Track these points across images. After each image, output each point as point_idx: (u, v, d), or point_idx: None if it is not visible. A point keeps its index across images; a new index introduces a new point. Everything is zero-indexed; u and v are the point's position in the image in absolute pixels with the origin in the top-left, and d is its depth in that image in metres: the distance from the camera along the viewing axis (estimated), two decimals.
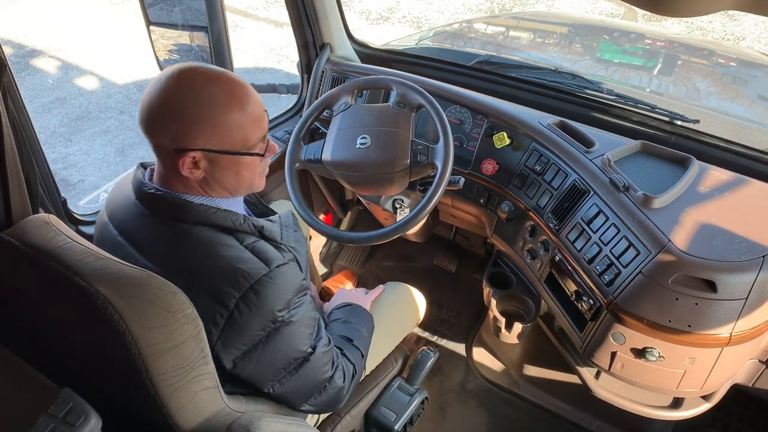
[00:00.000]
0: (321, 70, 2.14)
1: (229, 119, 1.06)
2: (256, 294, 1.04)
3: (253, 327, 1.06)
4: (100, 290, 0.86)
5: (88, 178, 3.91)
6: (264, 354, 1.10)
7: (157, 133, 1.05)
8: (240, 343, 1.06)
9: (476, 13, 6.37)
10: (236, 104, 1.07)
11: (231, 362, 1.08)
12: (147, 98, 1.05)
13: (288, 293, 1.09)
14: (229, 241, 1.08)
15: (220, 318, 1.03)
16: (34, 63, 5.25)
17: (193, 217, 1.07)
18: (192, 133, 1.05)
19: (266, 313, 1.06)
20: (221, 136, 1.07)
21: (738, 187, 1.55)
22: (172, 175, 1.10)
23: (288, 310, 1.09)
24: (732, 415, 2.07)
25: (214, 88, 1.05)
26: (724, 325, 1.36)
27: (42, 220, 1.04)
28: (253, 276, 1.04)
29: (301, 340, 1.16)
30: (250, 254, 1.07)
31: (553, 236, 1.64)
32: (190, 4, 1.72)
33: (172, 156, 1.06)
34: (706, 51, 2.99)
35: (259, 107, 1.11)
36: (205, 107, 1.04)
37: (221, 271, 1.04)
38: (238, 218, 1.10)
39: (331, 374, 1.26)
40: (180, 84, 1.04)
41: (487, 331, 2.36)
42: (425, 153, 1.59)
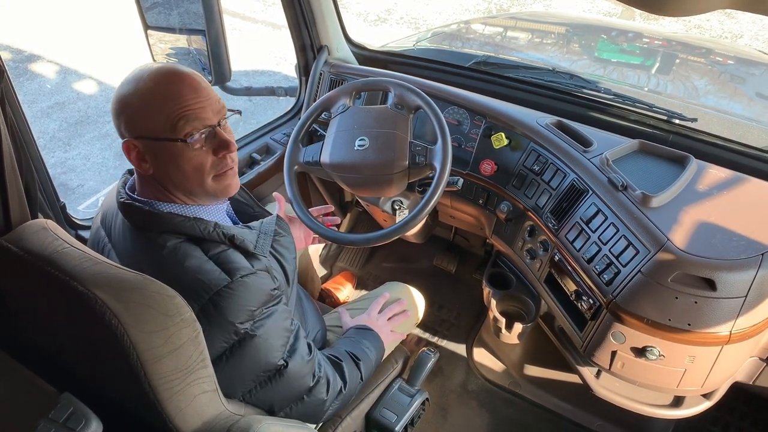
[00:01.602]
0: (319, 72, 2.14)
1: (148, 100, 1.07)
2: (214, 306, 1.03)
3: (215, 339, 1.05)
4: (98, 295, 0.86)
5: (87, 183, 3.91)
6: (229, 366, 1.08)
7: (117, 124, 1.10)
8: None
9: (474, 13, 6.38)
10: (152, 82, 1.07)
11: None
12: None
13: (251, 304, 1.07)
14: (193, 252, 1.07)
15: None
16: (33, 68, 5.25)
17: (159, 226, 1.08)
18: (123, 121, 1.08)
19: (226, 325, 1.05)
20: (145, 119, 1.07)
21: (736, 186, 1.56)
22: (140, 177, 1.13)
23: (252, 321, 1.08)
24: (733, 413, 2.07)
25: (156, 79, 1.07)
26: (724, 324, 1.36)
27: (40, 225, 1.04)
28: (212, 287, 1.03)
29: (271, 353, 1.13)
30: (212, 265, 1.06)
31: (552, 236, 1.64)
32: (187, 8, 1.72)
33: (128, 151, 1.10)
34: (704, 49, 2.99)
35: (194, 95, 1.08)
36: (144, 96, 1.06)
37: (182, 283, 1.01)
38: (207, 227, 1.09)
39: (310, 385, 1.24)
40: (130, 81, 1.07)
41: (487, 332, 2.36)
42: (423, 154, 1.59)
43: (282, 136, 2.22)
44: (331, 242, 1.75)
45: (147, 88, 1.06)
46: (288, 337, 1.17)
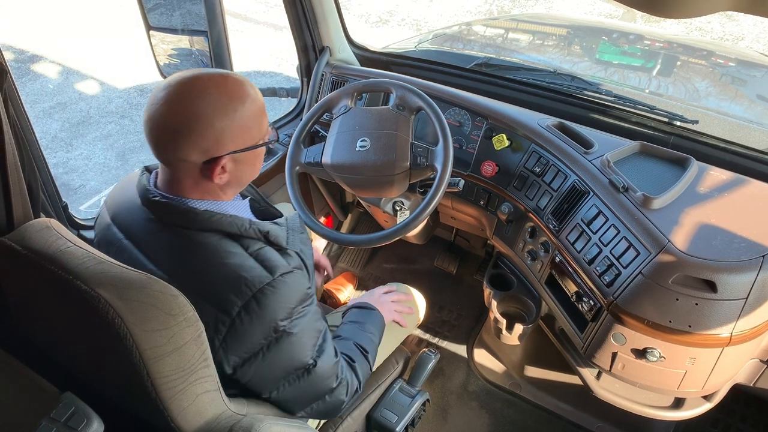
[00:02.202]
0: (320, 73, 2.15)
1: (248, 116, 1.08)
2: (258, 303, 1.04)
3: (255, 336, 1.06)
4: (102, 294, 0.86)
5: (89, 183, 3.91)
6: (264, 363, 1.09)
7: (186, 152, 1.04)
8: (241, 350, 1.06)
9: (475, 15, 6.38)
10: (248, 98, 1.08)
11: (231, 368, 1.07)
12: (162, 119, 1.03)
13: (291, 302, 1.09)
14: (233, 248, 1.08)
15: (222, 326, 1.03)
16: (35, 68, 5.26)
17: (197, 224, 1.07)
18: (221, 142, 1.05)
19: (268, 322, 1.06)
20: (245, 134, 1.09)
21: (737, 187, 1.56)
22: (187, 182, 1.09)
23: (290, 320, 1.09)
24: (733, 415, 2.07)
25: (227, 90, 1.06)
26: (725, 325, 1.36)
27: (43, 224, 1.04)
28: (255, 284, 1.04)
29: (303, 352, 1.14)
30: (254, 262, 1.07)
31: (553, 237, 1.64)
32: (190, 9, 1.73)
33: (200, 168, 1.07)
34: (705, 51, 2.99)
35: (260, 94, 1.13)
36: (228, 111, 1.05)
37: (224, 278, 1.03)
38: (243, 223, 1.09)
39: (333, 387, 1.25)
40: (197, 96, 1.03)
41: (487, 333, 2.36)
42: (425, 155, 1.59)
43: (284, 136, 2.22)
44: (332, 243, 1.75)
45: (237, 102, 1.06)
46: (318, 338, 1.18)
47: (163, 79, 1.84)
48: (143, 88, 4.95)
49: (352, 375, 1.33)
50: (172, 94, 1.03)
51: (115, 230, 1.16)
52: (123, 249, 1.12)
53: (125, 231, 1.14)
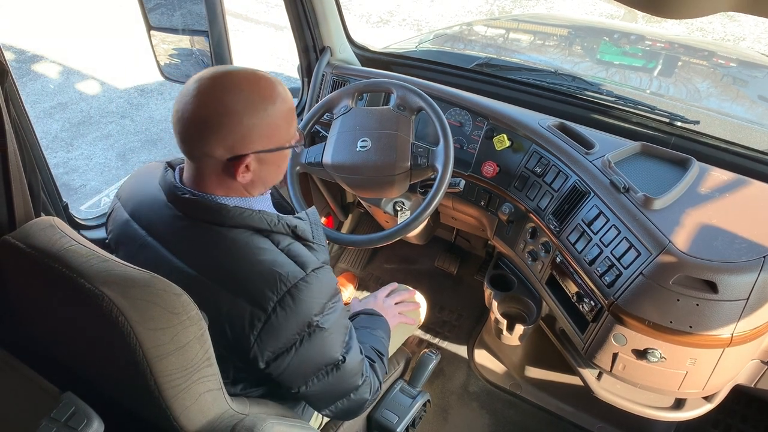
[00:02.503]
0: (321, 73, 2.15)
1: (277, 116, 1.08)
2: (292, 298, 1.04)
3: (289, 330, 1.06)
4: (105, 292, 0.86)
5: (89, 183, 3.91)
6: (297, 358, 1.10)
7: (211, 147, 1.04)
8: (275, 345, 1.07)
9: (476, 15, 6.38)
10: (279, 98, 1.08)
11: (265, 362, 1.08)
12: (191, 112, 1.03)
13: (323, 297, 1.10)
14: (265, 244, 1.08)
15: (257, 321, 1.04)
16: (36, 68, 5.26)
17: (229, 221, 1.07)
18: (248, 140, 1.05)
19: (302, 317, 1.06)
20: (273, 134, 1.09)
21: (738, 188, 1.56)
22: (211, 178, 1.09)
23: (323, 314, 1.10)
24: (734, 415, 2.07)
25: (259, 88, 1.06)
26: (726, 326, 1.36)
27: (47, 222, 1.04)
28: (290, 280, 1.05)
29: (334, 347, 1.15)
30: (285, 257, 1.08)
31: (554, 238, 1.64)
32: (190, 9, 1.72)
33: (223, 164, 1.07)
34: (706, 52, 2.99)
35: (291, 96, 1.13)
36: (258, 110, 1.05)
37: (259, 274, 1.04)
38: (272, 219, 1.10)
39: (359, 384, 1.26)
40: (228, 91, 1.03)
41: (488, 333, 2.36)
42: (426, 156, 1.59)
43: None
44: (333, 243, 1.75)
45: (267, 101, 1.06)
46: (346, 335, 1.19)
47: (163, 78, 1.84)
48: (144, 89, 4.95)
49: (373, 375, 1.34)
50: (203, 87, 1.03)
51: (136, 227, 1.15)
52: (146, 246, 1.12)
53: (148, 228, 1.14)
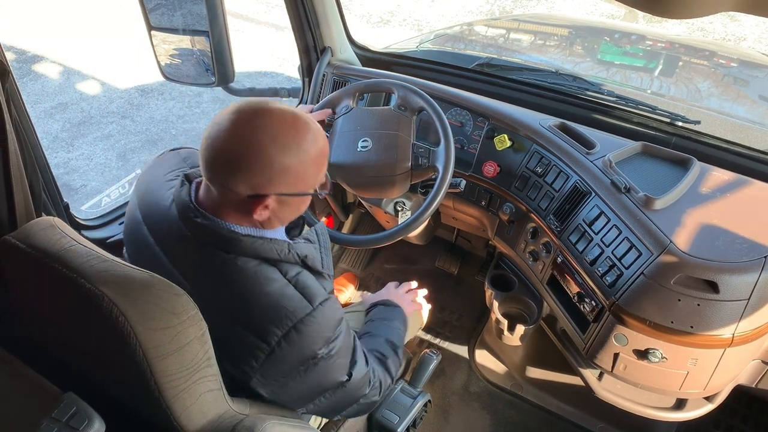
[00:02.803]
0: (322, 73, 2.15)
1: (308, 162, 1.06)
2: (298, 333, 1.04)
3: (292, 362, 1.06)
4: (106, 292, 0.86)
5: (90, 183, 3.91)
6: (300, 385, 1.10)
7: (235, 182, 1.03)
8: (277, 376, 1.07)
9: (477, 15, 6.38)
10: (314, 143, 1.07)
11: (266, 391, 1.09)
12: (223, 143, 1.01)
13: (328, 331, 1.09)
14: (273, 274, 1.07)
15: (260, 353, 1.04)
16: (37, 68, 5.26)
17: (239, 250, 1.06)
18: (274, 182, 1.04)
19: (307, 352, 1.07)
20: (300, 180, 1.07)
21: (739, 188, 1.56)
22: (228, 208, 1.07)
23: (327, 347, 1.09)
24: (735, 416, 2.07)
25: (296, 132, 1.04)
26: (727, 326, 1.36)
27: (48, 222, 1.04)
28: (297, 315, 1.04)
29: (338, 371, 1.15)
30: (293, 290, 1.07)
31: (555, 238, 1.64)
32: (191, 9, 1.72)
33: (242, 200, 1.05)
34: (707, 52, 2.99)
35: (325, 138, 1.11)
36: (291, 155, 1.03)
37: (265, 308, 1.03)
38: (283, 249, 1.08)
39: (366, 393, 1.26)
40: (265, 132, 1.02)
41: (489, 334, 2.36)
42: (426, 156, 1.59)
43: None
44: (334, 243, 1.75)
45: (302, 147, 1.04)
46: (350, 354, 1.18)
47: (164, 78, 1.84)
48: (144, 89, 4.95)
49: (384, 373, 1.34)
50: (240, 121, 1.01)
51: (146, 232, 1.14)
52: (154, 256, 1.11)
53: (156, 237, 1.13)
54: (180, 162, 1.25)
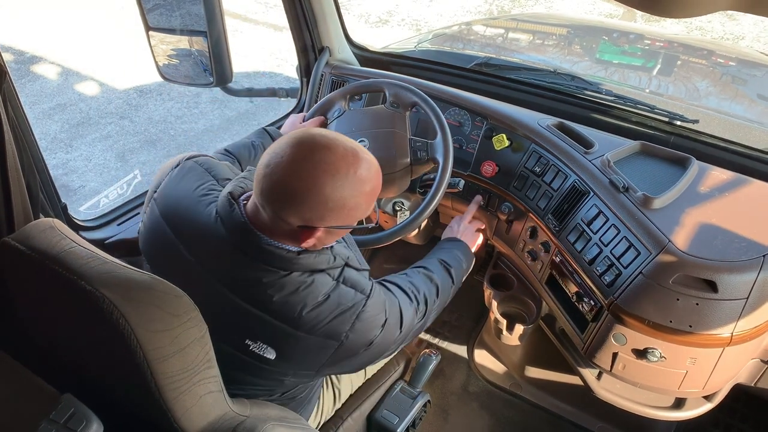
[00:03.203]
0: (320, 73, 2.14)
1: (361, 200, 1.09)
2: (360, 321, 1.13)
3: (357, 348, 1.15)
4: (106, 294, 0.86)
5: (88, 184, 3.91)
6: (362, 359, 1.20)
7: (288, 214, 1.05)
8: (341, 360, 1.16)
9: (475, 15, 6.38)
10: (370, 182, 1.09)
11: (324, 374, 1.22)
12: (281, 177, 1.03)
13: (381, 313, 1.18)
14: (326, 280, 1.12)
15: (330, 349, 1.13)
16: (35, 69, 5.26)
17: (298, 267, 1.09)
18: (326, 218, 1.06)
19: (368, 336, 1.16)
20: (351, 215, 1.10)
21: (738, 187, 1.56)
22: (278, 232, 1.08)
23: (381, 327, 1.18)
24: (734, 415, 2.07)
25: (356, 171, 1.06)
26: (726, 325, 1.36)
27: (47, 224, 1.04)
28: (356, 307, 1.13)
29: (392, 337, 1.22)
30: (345, 287, 1.14)
31: (554, 237, 1.64)
32: (189, 9, 1.72)
33: (293, 229, 1.07)
34: (705, 51, 2.99)
35: (378, 178, 1.14)
36: (346, 194, 1.05)
37: (329, 311, 1.10)
38: (329, 258, 1.13)
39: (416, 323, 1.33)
40: (325, 172, 1.03)
41: (488, 333, 2.36)
42: (425, 149, 1.59)
43: None
44: None
45: (357, 188, 1.07)
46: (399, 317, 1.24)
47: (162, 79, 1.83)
48: (143, 89, 4.95)
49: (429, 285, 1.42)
50: (301, 156, 1.03)
51: (183, 251, 1.15)
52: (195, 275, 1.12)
53: (197, 255, 1.14)
54: (204, 174, 1.24)
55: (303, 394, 1.33)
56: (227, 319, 1.11)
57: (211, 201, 1.15)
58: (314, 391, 1.41)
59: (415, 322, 1.32)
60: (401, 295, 1.30)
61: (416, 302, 1.33)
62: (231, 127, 4.50)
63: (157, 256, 1.22)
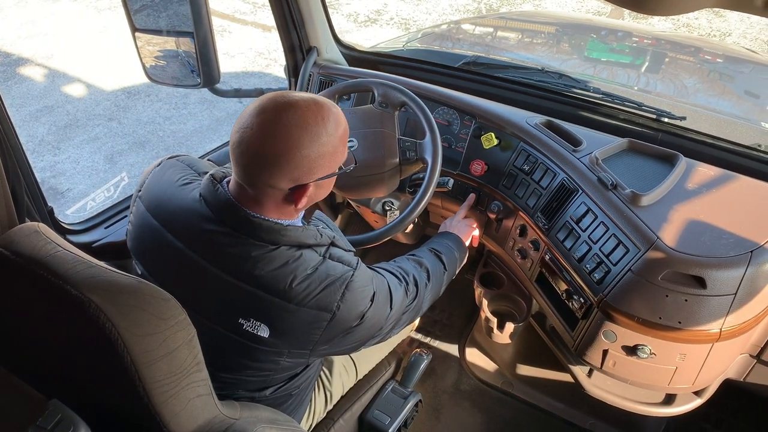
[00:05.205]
0: (308, 73, 2.14)
1: (337, 143, 1.12)
2: (350, 292, 1.14)
3: (349, 322, 1.16)
4: (92, 298, 0.85)
5: (77, 187, 3.89)
6: (353, 337, 1.20)
7: (279, 179, 1.07)
8: (335, 335, 1.16)
9: (464, 13, 6.39)
10: (339, 124, 1.12)
11: (319, 352, 1.20)
12: (258, 146, 1.05)
13: (369, 284, 1.19)
14: (314, 255, 1.14)
15: (323, 321, 1.13)
16: (21, 71, 5.21)
17: (285, 240, 1.11)
18: (313, 171, 1.10)
19: (359, 308, 1.16)
20: (333, 161, 1.13)
21: (725, 183, 1.57)
22: (270, 204, 1.11)
23: (372, 304, 1.19)
24: (724, 409, 2.08)
25: (322, 118, 1.09)
26: (714, 321, 1.36)
27: (32, 228, 1.03)
28: (345, 278, 1.14)
29: (382, 317, 1.23)
30: (332, 261, 1.16)
31: (543, 235, 1.64)
32: (176, 10, 1.71)
33: (285, 193, 1.10)
34: (693, 48, 3.01)
35: (344, 117, 1.17)
36: (323, 141, 1.08)
37: (318, 282, 1.11)
38: (316, 234, 1.16)
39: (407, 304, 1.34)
40: (296, 126, 1.06)
41: (479, 332, 2.36)
42: (413, 149, 1.59)
43: None
44: None
45: (329, 131, 1.10)
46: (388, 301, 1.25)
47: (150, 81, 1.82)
48: (130, 90, 4.92)
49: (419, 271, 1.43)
50: (269, 122, 1.05)
51: (171, 238, 1.16)
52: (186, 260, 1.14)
53: (185, 239, 1.15)
54: (185, 168, 1.26)
55: (296, 392, 1.33)
56: (219, 300, 1.13)
57: (194, 188, 1.18)
58: (306, 392, 1.41)
59: (406, 303, 1.33)
60: (389, 276, 1.32)
61: (405, 282, 1.35)
62: (220, 128, 4.48)
63: (147, 251, 1.23)
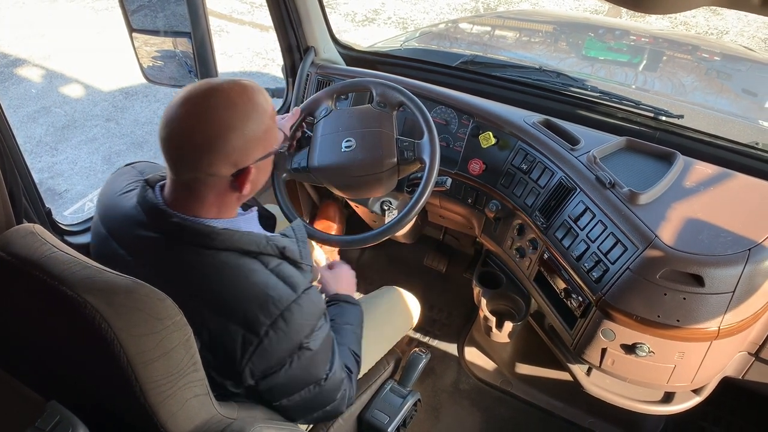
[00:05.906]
0: (306, 73, 2.14)
1: (267, 121, 1.10)
2: (285, 321, 1.05)
3: (281, 352, 1.07)
4: (88, 299, 0.85)
5: (74, 187, 3.88)
6: (284, 377, 1.10)
7: (219, 165, 1.04)
8: (266, 366, 1.07)
9: (461, 12, 6.38)
10: (266, 102, 1.10)
11: (253, 381, 1.08)
12: (190, 134, 1.02)
13: (313, 319, 1.10)
14: (255, 266, 1.08)
15: (249, 345, 1.04)
16: (18, 72, 5.21)
17: (219, 244, 1.06)
18: (251, 151, 1.07)
19: (294, 340, 1.07)
20: (267, 139, 1.11)
21: (723, 181, 1.57)
22: (209, 198, 1.08)
23: (312, 336, 1.10)
24: (723, 407, 2.08)
25: (249, 98, 1.07)
26: (713, 319, 1.37)
27: (27, 229, 1.03)
28: (283, 302, 1.05)
29: (320, 367, 1.16)
30: (276, 279, 1.07)
31: (541, 234, 1.64)
32: (174, 10, 1.71)
33: (229, 181, 1.07)
34: (690, 46, 3.01)
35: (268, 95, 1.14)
36: (253, 119, 1.06)
37: (251, 298, 1.04)
38: (261, 241, 1.09)
39: (336, 398, 1.25)
40: (225, 108, 1.03)
41: (478, 331, 2.36)
42: (411, 149, 1.59)
43: None
44: (323, 244, 1.74)
45: (259, 108, 1.08)
46: (330, 351, 1.19)
47: (147, 81, 1.83)
48: (128, 91, 4.92)
49: (350, 385, 1.33)
50: (197, 108, 1.03)
51: (116, 246, 1.13)
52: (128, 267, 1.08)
53: (127, 247, 1.12)
54: (137, 175, 1.24)
55: None
56: None
57: (134, 195, 1.15)
58: None
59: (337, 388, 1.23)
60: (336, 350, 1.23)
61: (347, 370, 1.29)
62: None
63: (100, 258, 1.18)
